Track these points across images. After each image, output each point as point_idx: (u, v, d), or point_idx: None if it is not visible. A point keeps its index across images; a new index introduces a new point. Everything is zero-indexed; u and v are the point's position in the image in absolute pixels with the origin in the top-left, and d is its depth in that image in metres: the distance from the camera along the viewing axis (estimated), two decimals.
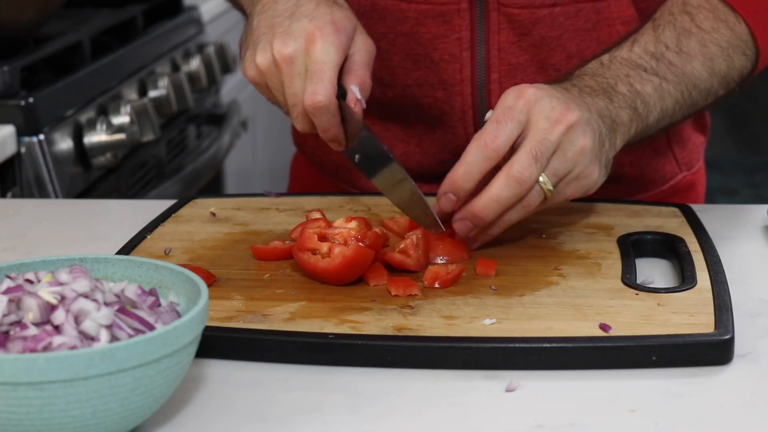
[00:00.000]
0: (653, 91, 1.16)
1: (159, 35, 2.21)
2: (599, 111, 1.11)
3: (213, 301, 0.98)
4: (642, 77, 1.16)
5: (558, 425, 0.84)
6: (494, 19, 1.28)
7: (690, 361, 0.91)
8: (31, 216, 1.34)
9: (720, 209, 1.27)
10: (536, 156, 1.06)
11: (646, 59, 1.18)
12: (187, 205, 1.27)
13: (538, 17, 1.27)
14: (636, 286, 1.02)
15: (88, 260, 0.92)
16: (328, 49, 1.10)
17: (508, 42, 1.28)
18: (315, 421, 0.86)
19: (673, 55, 1.19)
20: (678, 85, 1.18)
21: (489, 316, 0.97)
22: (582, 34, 1.28)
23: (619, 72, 1.16)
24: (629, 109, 1.14)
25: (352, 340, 0.94)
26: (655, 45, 1.19)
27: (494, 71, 1.29)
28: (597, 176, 1.09)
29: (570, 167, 1.07)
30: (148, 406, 0.82)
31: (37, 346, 0.79)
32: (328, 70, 1.10)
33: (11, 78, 1.71)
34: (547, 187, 1.06)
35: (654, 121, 1.17)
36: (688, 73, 1.19)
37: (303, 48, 1.11)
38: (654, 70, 1.17)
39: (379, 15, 1.31)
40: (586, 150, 1.07)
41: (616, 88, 1.15)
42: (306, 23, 1.12)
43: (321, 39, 1.11)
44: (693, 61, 1.19)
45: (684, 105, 1.19)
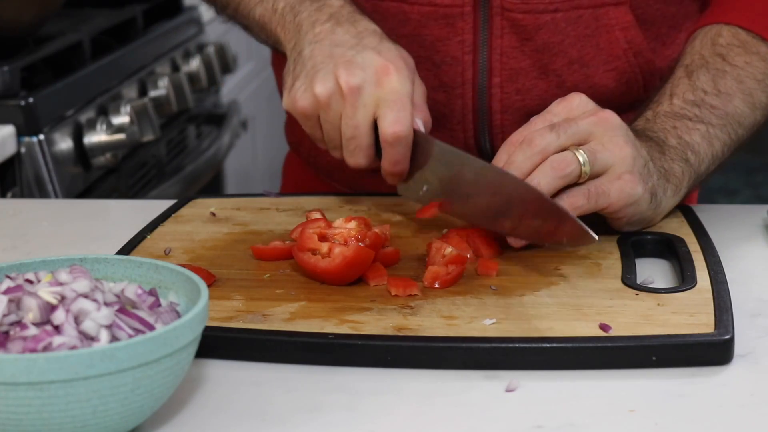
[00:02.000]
0: (701, 139, 1.17)
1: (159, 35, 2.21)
2: (650, 154, 1.12)
3: (213, 301, 0.98)
4: (688, 127, 1.17)
5: (558, 425, 0.84)
6: (497, 23, 1.27)
7: (690, 361, 0.91)
8: (31, 216, 1.34)
9: (720, 209, 1.27)
10: (554, 127, 1.07)
11: (688, 108, 1.18)
12: (187, 205, 1.27)
13: (541, 23, 1.27)
14: (636, 286, 1.02)
15: (88, 260, 0.92)
16: (404, 82, 1.10)
17: (510, 46, 1.28)
18: (315, 420, 0.86)
19: (713, 98, 1.19)
20: (724, 128, 1.18)
21: (489, 316, 0.97)
22: (582, 40, 1.28)
23: (666, 125, 1.17)
24: (681, 162, 1.15)
25: (352, 340, 0.94)
26: (694, 92, 1.19)
27: (496, 75, 1.29)
28: (641, 191, 1.09)
29: (609, 159, 1.07)
30: (148, 406, 0.82)
31: (37, 346, 0.79)
32: (407, 101, 1.10)
33: (11, 78, 1.72)
34: (581, 159, 1.06)
35: (707, 168, 1.18)
36: (731, 113, 1.19)
37: (373, 79, 1.10)
38: (698, 117, 1.18)
39: (381, 16, 1.30)
40: (626, 151, 1.08)
41: (666, 142, 1.15)
42: (373, 55, 1.11)
43: (396, 72, 1.10)
44: (733, 100, 1.20)
45: (732, 144, 1.20)
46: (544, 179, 1.06)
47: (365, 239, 1.05)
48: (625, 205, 1.09)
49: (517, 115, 1.29)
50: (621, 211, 1.10)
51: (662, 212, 1.15)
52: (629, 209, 1.10)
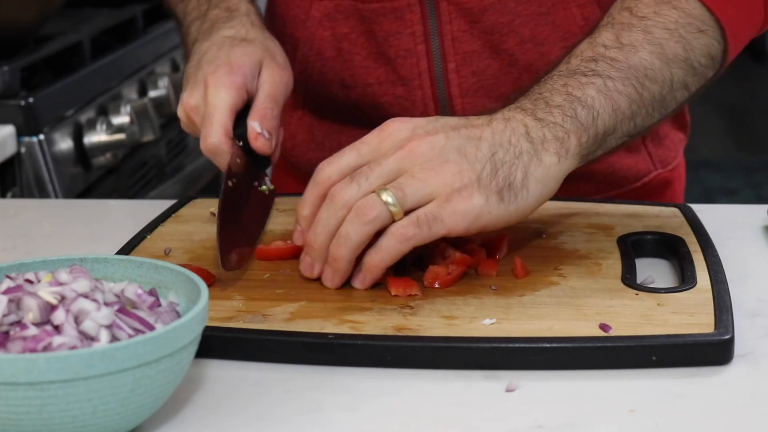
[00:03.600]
0: (596, 93, 1.05)
1: (159, 35, 2.21)
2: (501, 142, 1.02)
3: (213, 301, 0.98)
4: (581, 82, 1.06)
5: (558, 425, 0.84)
6: (444, 9, 1.28)
7: (690, 361, 0.91)
8: (31, 216, 1.34)
9: (720, 209, 1.27)
10: (354, 177, 1.01)
11: (584, 65, 1.07)
12: (187, 205, 1.27)
13: (487, 4, 1.27)
14: (636, 286, 1.02)
15: (88, 260, 0.92)
16: (217, 91, 1.15)
17: (460, 30, 1.29)
18: (315, 421, 0.86)
19: (614, 51, 1.08)
20: (627, 80, 1.07)
21: (489, 316, 0.97)
22: (536, 18, 1.27)
23: (556, 84, 1.06)
24: (566, 120, 1.04)
25: (352, 340, 0.94)
26: (593, 49, 1.09)
27: (450, 61, 1.30)
28: (481, 201, 0.99)
29: (423, 188, 0.99)
30: (148, 406, 0.82)
31: (37, 346, 0.79)
32: (216, 112, 1.14)
33: (11, 78, 1.71)
34: (386, 199, 0.99)
35: (607, 125, 1.06)
36: (635, 65, 1.07)
37: (202, 95, 1.16)
38: (594, 71, 1.07)
39: (343, 16, 1.33)
40: (444, 173, 0.99)
41: (550, 101, 1.05)
42: (205, 69, 1.17)
43: (212, 83, 1.16)
44: (638, 52, 1.08)
45: (643, 102, 1.08)
46: (351, 228, 1.00)
47: None
48: (471, 222, 1.00)
49: (477, 96, 1.29)
50: (472, 228, 1.00)
51: (544, 186, 1.03)
52: (482, 221, 1.00)
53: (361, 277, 1.03)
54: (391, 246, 1.00)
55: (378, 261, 1.01)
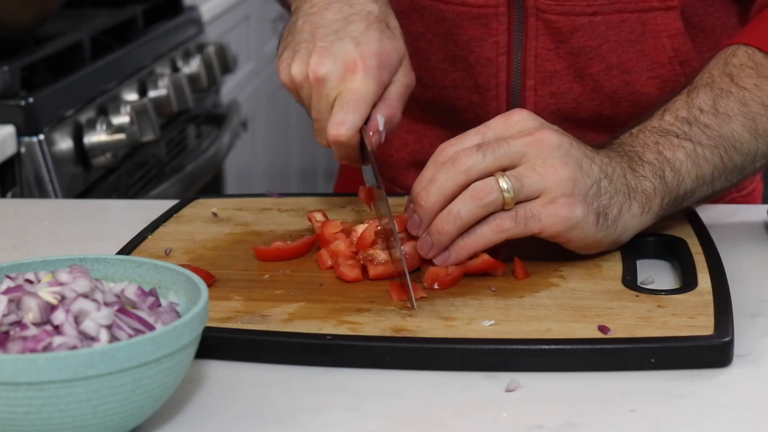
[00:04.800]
0: (685, 158, 1.08)
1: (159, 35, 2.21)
2: (608, 172, 1.05)
3: (212, 301, 0.98)
4: (672, 143, 1.08)
5: (558, 425, 0.84)
6: (532, 24, 1.26)
7: (689, 363, 0.91)
8: (31, 216, 1.34)
9: (720, 209, 1.27)
10: (482, 147, 1.01)
11: (677, 125, 1.09)
12: (188, 205, 1.27)
13: (577, 25, 1.25)
14: (636, 287, 1.02)
15: (88, 260, 0.92)
16: (367, 82, 1.09)
17: (545, 48, 1.26)
18: (315, 421, 0.86)
19: (709, 117, 1.10)
20: (715, 149, 1.09)
21: (488, 317, 0.97)
22: (625, 45, 1.25)
23: (648, 140, 1.08)
24: (655, 179, 1.06)
25: (350, 341, 0.94)
26: (688, 110, 1.10)
27: (530, 77, 1.27)
28: (581, 214, 1.02)
29: (539, 183, 1.01)
30: (148, 406, 0.82)
31: (37, 346, 0.79)
32: (362, 104, 1.08)
33: (11, 78, 1.72)
34: (503, 186, 1.00)
35: (688, 189, 1.09)
36: (726, 135, 1.10)
37: (340, 73, 1.09)
38: (686, 135, 1.09)
39: (418, 14, 1.30)
40: (562, 174, 1.01)
41: (643, 156, 1.07)
42: (350, 47, 1.10)
43: (362, 71, 1.09)
44: (731, 123, 1.10)
45: (725, 170, 1.10)
46: (464, 207, 1.01)
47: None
48: (564, 229, 1.02)
49: (551, 117, 1.24)
50: (561, 235, 1.03)
51: (626, 231, 1.07)
52: (572, 233, 1.03)
53: (446, 255, 1.03)
54: (485, 234, 1.02)
55: (469, 245, 1.02)
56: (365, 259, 1.05)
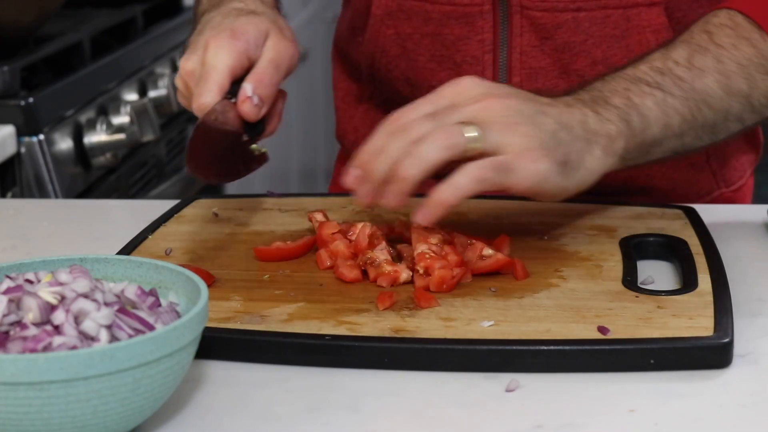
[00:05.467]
0: (654, 105, 1.08)
1: (159, 35, 2.21)
2: (566, 121, 1.04)
3: (211, 301, 0.98)
4: (642, 90, 1.09)
5: (558, 425, 0.84)
6: (517, 22, 1.27)
7: (688, 364, 0.91)
8: (31, 216, 1.34)
9: (720, 209, 1.27)
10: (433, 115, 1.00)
11: (650, 74, 1.10)
12: (189, 205, 1.27)
13: (561, 21, 1.26)
14: (636, 288, 1.02)
15: (88, 260, 0.92)
16: (216, 52, 1.11)
17: (530, 45, 1.27)
18: (315, 421, 0.86)
19: (683, 70, 1.11)
20: (685, 101, 1.10)
21: (487, 318, 0.97)
22: (609, 40, 1.26)
23: (618, 86, 1.09)
24: (620, 122, 1.07)
25: (349, 341, 0.94)
26: (663, 61, 1.11)
27: (515, 75, 1.28)
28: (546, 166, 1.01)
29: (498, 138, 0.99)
30: (148, 406, 0.82)
31: (37, 346, 0.79)
32: (214, 72, 1.10)
33: (11, 78, 1.72)
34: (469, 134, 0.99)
35: (655, 137, 1.09)
36: (698, 89, 1.11)
37: (201, 59, 1.12)
38: (658, 84, 1.09)
39: (406, 15, 1.31)
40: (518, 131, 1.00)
41: (610, 101, 1.08)
42: (206, 35, 1.14)
43: (212, 44, 1.12)
44: (705, 78, 1.11)
45: (695, 125, 1.11)
46: (429, 148, 0.98)
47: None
48: (534, 184, 1.01)
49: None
50: (532, 189, 1.02)
51: (591, 175, 1.05)
52: (542, 186, 1.02)
53: (425, 212, 1.00)
54: (464, 184, 0.99)
55: (449, 196, 0.99)
56: (365, 262, 1.05)
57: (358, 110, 1.42)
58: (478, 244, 1.06)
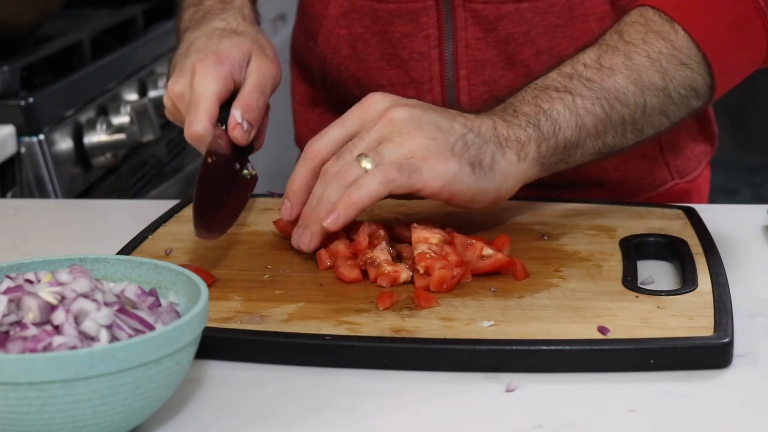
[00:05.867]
0: (563, 108, 1.10)
1: (159, 35, 2.21)
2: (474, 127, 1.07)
3: (211, 301, 0.98)
4: (551, 96, 1.11)
5: (558, 425, 0.84)
6: (460, 15, 1.28)
7: (688, 364, 0.91)
8: (31, 216, 1.34)
9: (720, 209, 1.27)
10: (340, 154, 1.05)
11: (559, 80, 1.12)
12: (190, 205, 1.27)
13: (503, 13, 1.27)
14: (636, 288, 1.02)
15: (88, 260, 0.92)
16: (204, 80, 1.15)
17: (474, 38, 1.29)
18: (315, 421, 0.86)
19: (591, 71, 1.12)
20: (596, 100, 1.11)
21: (487, 318, 0.97)
22: (553, 30, 1.27)
23: (527, 96, 1.12)
24: (529, 127, 1.09)
25: (349, 341, 0.94)
26: (572, 66, 1.13)
27: (462, 68, 1.30)
28: (455, 166, 1.04)
29: (400, 149, 1.04)
30: (148, 406, 0.82)
31: (37, 346, 0.79)
32: (203, 100, 1.14)
33: (11, 78, 1.71)
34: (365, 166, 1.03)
35: (569, 138, 1.10)
36: (608, 87, 1.12)
37: (188, 83, 1.16)
38: (566, 88, 1.11)
39: (358, 15, 1.33)
40: (421, 138, 1.04)
41: (518, 109, 1.10)
42: (193, 58, 1.17)
43: (199, 71, 1.15)
44: (615, 75, 1.12)
45: (612, 122, 1.12)
46: (332, 191, 1.04)
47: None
48: (444, 183, 1.04)
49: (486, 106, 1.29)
50: (444, 190, 1.04)
51: (507, 179, 1.08)
52: (453, 186, 1.05)
53: (334, 216, 1.03)
54: (372, 186, 1.03)
55: (357, 198, 1.03)
56: (365, 262, 1.05)
57: (314, 113, 1.44)
58: (478, 244, 1.06)
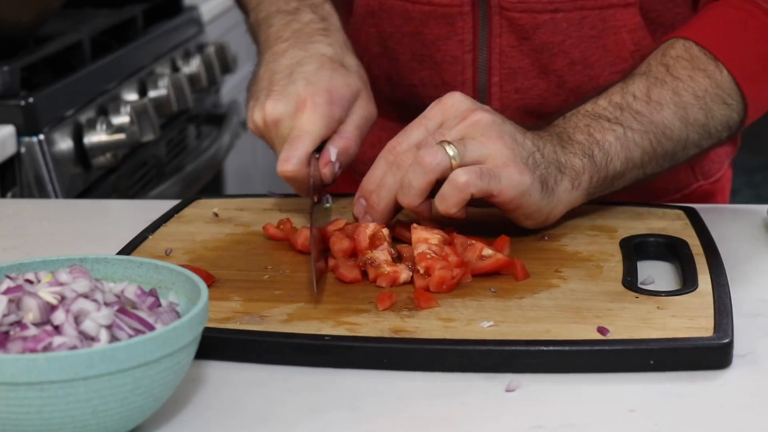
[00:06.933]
0: (615, 140, 1.13)
1: (159, 35, 2.21)
2: (540, 147, 1.09)
3: (211, 302, 0.98)
4: (603, 126, 1.13)
5: (558, 425, 0.84)
6: (496, 22, 1.28)
7: (688, 365, 0.91)
8: (31, 216, 1.34)
9: (720, 209, 1.27)
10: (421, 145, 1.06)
11: (609, 110, 1.14)
12: (190, 205, 1.27)
13: (539, 22, 1.27)
14: (636, 289, 1.02)
15: (88, 260, 0.92)
16: (314, 118, 1.14)
17: (509, 46, 1.29)
18: (315, 421, 0.86)
19: (641, 104, 1.15)
20: (645, 134, 1.14)
21: (487, 318, 0.97)
22: (586, 41, 1.28)
23: (579, 123, 1.14)
24: (584, 157, 1.11)
25: (348, 342, 0.94)
26: (622, 96, 1.15)
27: (495, 74, 1.30)
28: (529, 180, 1.06)
29: (482, 149, 1.06)
30: (148, 406, 0.82)
31: (37, 346, 0.79)
32: (308, 139, 1.13)
33: (11, 78, 1.72)
34: (448, 150, 1.05)
35: (617, 170, 1.13)
36: (657, 122, 1.14)
37: (292, 113, 1.14)
38: (617, 119, 1.14)
39: (387, 14, 1.32)
40: (499, 144, 1.06)
41: (573, 137, 1.12)
42: (301, 87, 1.16)
43: (311, 108, 1.14)
44: (663, 111, 1.15)
45: (655, 155, 1.15)
46: (413, 176, 1.06)
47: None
48: (517, 194, 1.07)
49: (517, 113, 1.30)
50: (513, 201, 1.07)
51: (559, 205, 1.11)
52: (523, 199, 1.07)
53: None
54: (451, 194, 1.05)
55: (443, 209, 1.06)
56: (365, 262, 1.05)
57: None
58: (478, 245, 1.06)
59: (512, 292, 1.02)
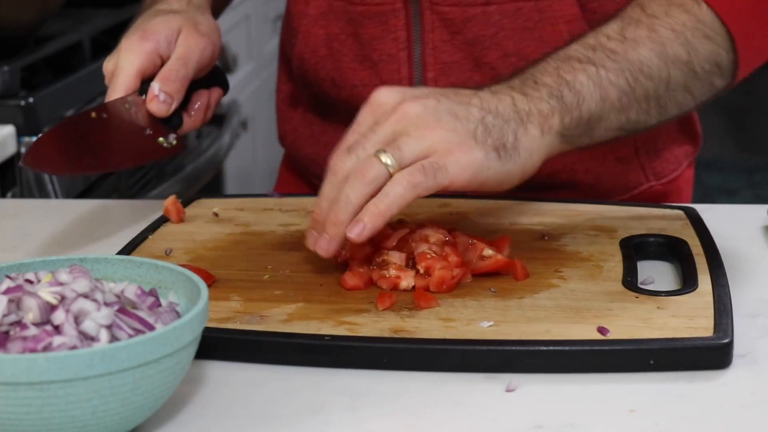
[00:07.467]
0: (587, 80, 1.07)
1: None
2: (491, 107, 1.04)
3: (211, 302, 0.98)
4: (573, 67, 1.07)
5: (558, 425, 0.84)
6: (428, 17, 1.29)
7: (688, 365, 0.91)
8: (31, 216, 1.34)
9: (720, 209, 1.27)
10: (351, 149, 1.02)
11: (581, 51, 1.09)
12: (190, 205, 1.27)
13: (470, 15, 1.27)
14: (636, 289, 1.02)
15: (88, 260, 0.92)
16: (126, 55, 1.20)
17: (441, 40, 1.29)
18: (315, 421, 0.86)
19: (615, 43, 1.09)
20: (621, 72, 1.08)
21: (487, 318, 0.97)
22: (521, 32, 1.27)
23: (548, 66, 1.08)
24: (551, 99, 1.05)
25: (348, 341, 0.94)
26: (595, 37, 1.10)
27: (430, 70, 1.30)
28: (481, 155, 1.00)
29: (420, 143, 1.00)
30: (148, 406, 0.82)
31: (37, 346, 0.79)
32: (122, 74, 1.20)
33: (11, 78, 1.72)
34: (384, 159, 0.99)
35: (593, 111, 1.07)
36: (633, 60, 1.09)
37: (115, 60, 1.22)
38: (589, 59, 1.08)
39: (334, 16, 1.34)
40: (440, 130, 1.00)
41: (539, 81, 1.06)
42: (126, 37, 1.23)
43: (124, 47, 1.21)
44: (639, 47, 1.09)
45: (636, 96, 1.09)
46: (351, 191, 0.99)
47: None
48: (471, 175, 1.01)
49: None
50: (472, 182, 1.01)
51: (531, 156, 1.04)
52: (482, 175, 1.01)
53: (360, 227, 0.99)
54: (398, 193, 0.99)
55: (384, 207, 0.99)
56: (377, 263, 1.04)
57: (296, 112, 1.45)
58: (478, 245, 1.06)
59: (512, 292, 1.02)
